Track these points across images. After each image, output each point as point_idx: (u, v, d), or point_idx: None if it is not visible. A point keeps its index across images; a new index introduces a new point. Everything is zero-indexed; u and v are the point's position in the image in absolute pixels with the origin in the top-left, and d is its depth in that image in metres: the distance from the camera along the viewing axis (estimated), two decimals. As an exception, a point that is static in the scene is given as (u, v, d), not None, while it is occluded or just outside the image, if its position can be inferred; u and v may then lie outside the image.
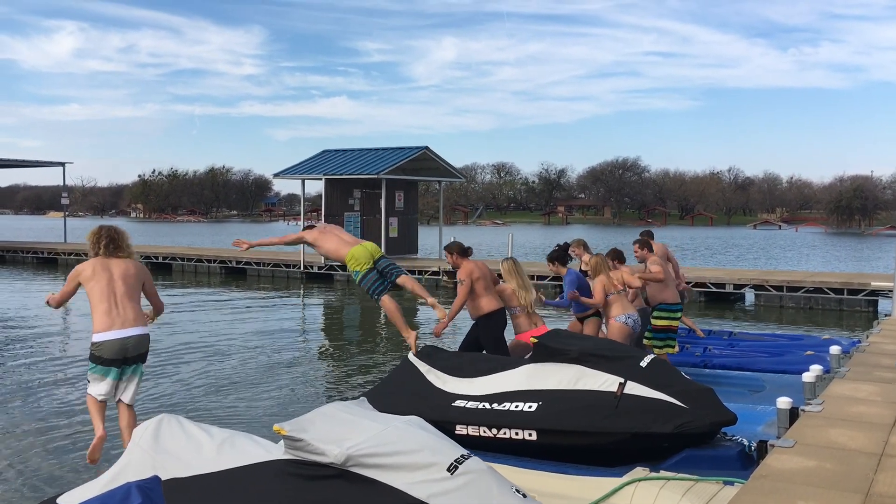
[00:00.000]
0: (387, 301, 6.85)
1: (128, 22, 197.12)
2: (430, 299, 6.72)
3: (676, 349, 8.79)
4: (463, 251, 7.88)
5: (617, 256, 8.93)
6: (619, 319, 8.07)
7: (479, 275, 7.65)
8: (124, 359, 5.36)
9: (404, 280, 6.93)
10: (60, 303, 5.66)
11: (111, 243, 5.56)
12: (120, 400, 5.58)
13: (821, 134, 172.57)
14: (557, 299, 9.25)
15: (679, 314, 8.72)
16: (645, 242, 8.90)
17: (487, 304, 7.65)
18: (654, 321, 8.64)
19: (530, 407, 5.35)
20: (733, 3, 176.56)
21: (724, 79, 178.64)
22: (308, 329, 14.92)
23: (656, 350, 8.57)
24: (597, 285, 8.20)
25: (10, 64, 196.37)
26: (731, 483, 4.52)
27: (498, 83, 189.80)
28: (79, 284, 5.56)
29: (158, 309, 5.90)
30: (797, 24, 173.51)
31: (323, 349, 12.55)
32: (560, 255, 8.66)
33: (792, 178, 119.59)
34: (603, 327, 8.42)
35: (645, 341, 8.76)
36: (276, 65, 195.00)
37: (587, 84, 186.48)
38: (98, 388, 5.47)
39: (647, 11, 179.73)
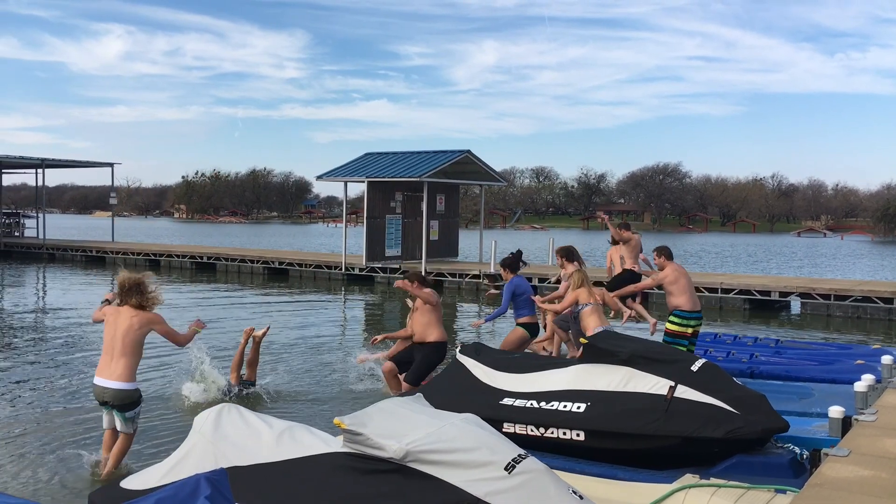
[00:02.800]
0: None
1: (174, 25, 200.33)
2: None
3: None
4: (423, 281, 8.44)
5: (567, 254, 9.61)
6: (597, 331, 8.50)
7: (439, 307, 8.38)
8: (104, 402, 6.09)
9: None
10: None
11: (122, 294, 6.16)
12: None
13: (868, 140, 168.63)
14: (494, 311, 9.79)
15: (694, 322, 9.02)
16: (664, 250, 9.32)
17: (439, 335, 8.29)
18: (667, 325, 9.04)
19: (579, 407, 5.34)
20: (780, 7, 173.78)
21: (768, 84, 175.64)
22: (353, 326, 15.08)
23: None
24: (570, 296, 8.79)
25: (60, 66, 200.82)
26: (784, 491, 4.47)
27: (538, 87, 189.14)
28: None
29: (180, 343, 6.43)
30: (845, 28, 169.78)
31: (369, 344, 12.68)
32: (511, 262, 9.37)
33: (837, 185, 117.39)
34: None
35: None
36: (317, 68, 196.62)
37: (629, 88, 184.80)
38: (103, 419, 6.32)
39: (692, 15, 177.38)
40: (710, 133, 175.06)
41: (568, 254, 9.71)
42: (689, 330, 8.96)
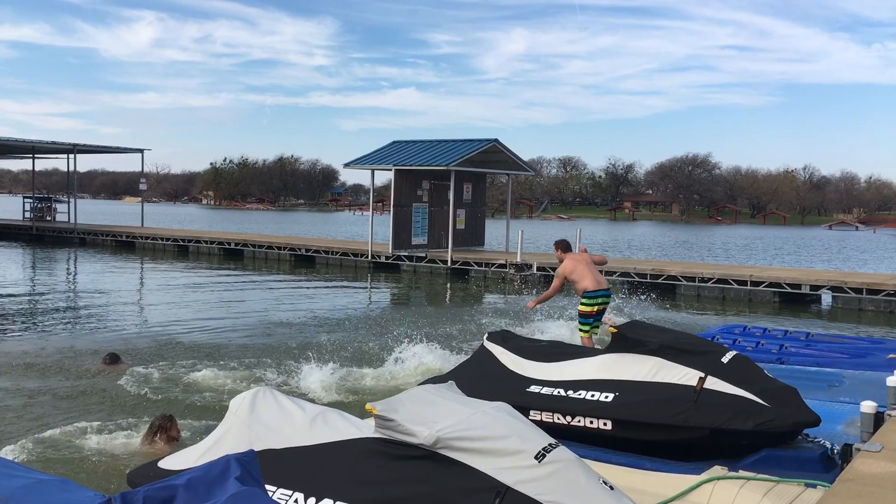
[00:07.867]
0: None
1: (205, 12, 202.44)
2: None
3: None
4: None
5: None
6: None
7: None
8: None
9: None
10: None
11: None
12: None
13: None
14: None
15: (600, 299, 9.45)
16: (560, 244, 9.89)
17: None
18: (579, 308, 9.56)
19: (606, 397, 5.32)
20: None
21: (802, 74, 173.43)
22: (380, 314, 15.14)
23: (581, 334, 9.47)
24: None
25: (91, 52, 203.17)
26: (814, 486, 4.42)
27: (567, 76, 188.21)
28: None
29: None
30: (883, 18, 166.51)
31: (397, 330, 12.76)
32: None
33: (871, 177, 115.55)
34: None
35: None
36: (346, 56, 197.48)
37: (659, 78, 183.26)
38: None
39: (725, 3, 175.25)
40: (741, 124, 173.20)
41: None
42: (595, 308, 9.38)
